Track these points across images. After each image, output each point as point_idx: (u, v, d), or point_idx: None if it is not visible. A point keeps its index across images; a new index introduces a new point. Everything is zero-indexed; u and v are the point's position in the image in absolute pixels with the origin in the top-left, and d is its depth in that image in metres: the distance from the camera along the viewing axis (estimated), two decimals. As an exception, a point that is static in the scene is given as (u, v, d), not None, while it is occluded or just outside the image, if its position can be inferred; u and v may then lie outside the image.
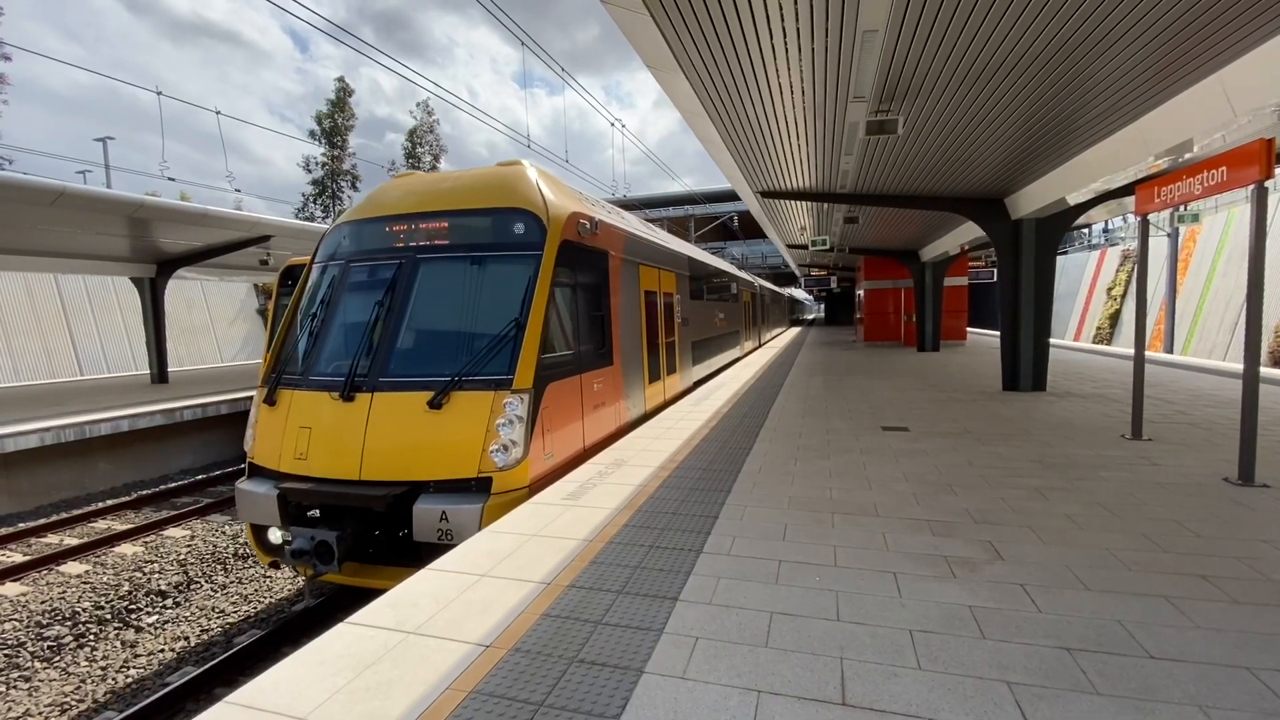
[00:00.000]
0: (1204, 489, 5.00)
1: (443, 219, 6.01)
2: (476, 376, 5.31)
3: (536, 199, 6.04)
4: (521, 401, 5.25)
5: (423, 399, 5.21)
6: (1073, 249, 42.78)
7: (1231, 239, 26.31)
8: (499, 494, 5.01)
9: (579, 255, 6.51)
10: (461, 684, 2.59)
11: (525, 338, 5.43)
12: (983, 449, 6.53)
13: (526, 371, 5.35)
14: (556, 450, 5.85)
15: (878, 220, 15.06)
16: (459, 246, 5.92)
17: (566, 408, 6.11)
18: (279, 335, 6.40)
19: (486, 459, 5.05)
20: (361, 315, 5.88)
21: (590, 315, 6.88)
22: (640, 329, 8.72)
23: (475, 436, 5.10)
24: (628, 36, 5.10)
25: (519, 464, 5.16)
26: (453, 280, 5.90)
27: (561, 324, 6.16)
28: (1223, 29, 4.77)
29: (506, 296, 5.70)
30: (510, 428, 5.14)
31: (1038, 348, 10.61)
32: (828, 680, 2.55)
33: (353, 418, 5.30)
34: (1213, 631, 2.86)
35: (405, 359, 5.60)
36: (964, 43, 5.10)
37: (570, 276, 6.33)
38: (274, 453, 5.59)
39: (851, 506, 4.76)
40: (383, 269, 6.00)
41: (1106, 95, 6.22)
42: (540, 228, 5.87)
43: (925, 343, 20.21)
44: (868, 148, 8.44)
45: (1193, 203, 6.05)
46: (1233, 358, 23.38)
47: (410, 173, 7.03)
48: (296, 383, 5.85)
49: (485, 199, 6.08)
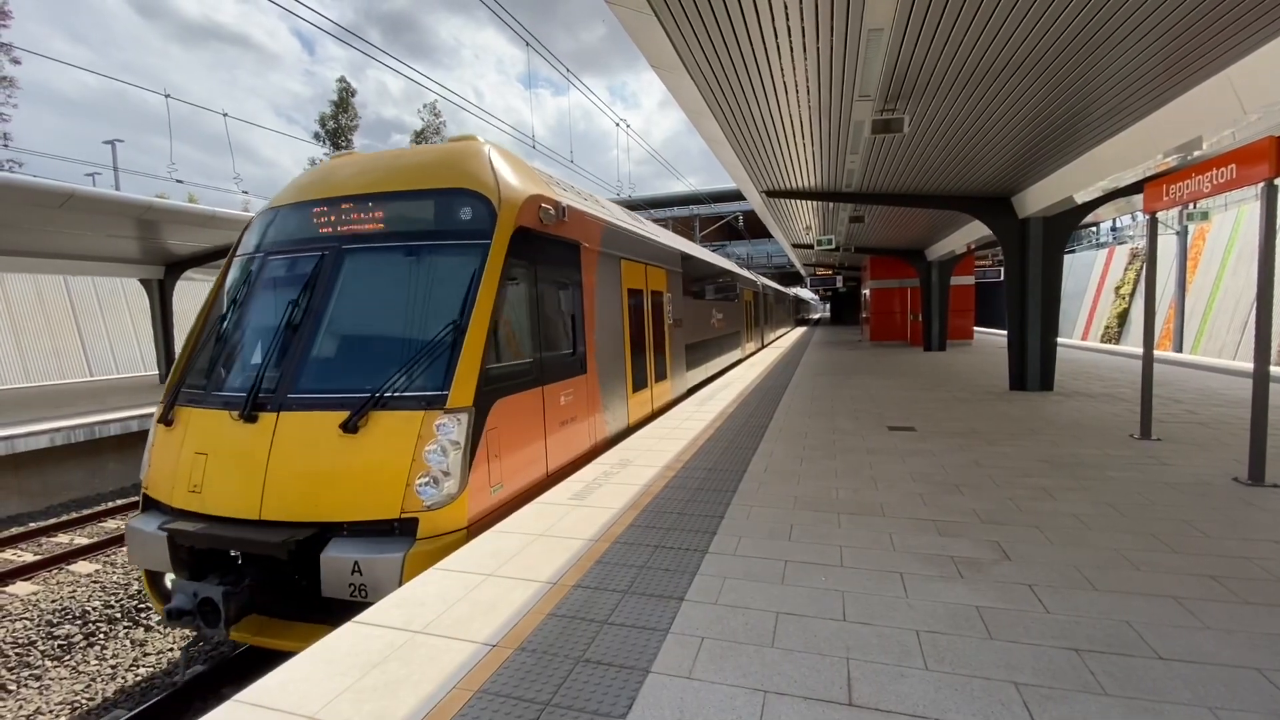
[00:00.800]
0: (1213, 489, 4.97)
1: (374, 203, 5.11)
2: (402, 393, 4.41)
3: (486, 179, 5.15)
4: (458, 423, 4.32)
5: (337, 420, 4.30)
6: (1080, 247, 42.53)
7: (1241, 237, 26.10)
8: (427, 539, 4.11)
9: (541, 246, 5.62)
10: (468, 683, 2.60)
11: (465, 344, 4.52)
12: (990, 449, 6.50)
13: (465, 386, 4.44)
14: (508, 479, 4.92)
15: (883, 219, 15.01)
16: (392, 235, 5.03)
17: (522, 427, 5.19)
18: (185, 343, 5.46)
19: (412, 495, 4.15)
20: (274, 318, 4.98)
21: (556, 316, 6.02)
22: (623, 331, 7.83)
23: (398, 467, 4.19)
24: (632, 37, 5.10)
25: (453, 500, 4.26)
26: (382, 275, 5.02)
27: (515, 327, 5.27)
28: (1232, 25, 4.74)
29: (445, 295, 4.82)
30: (442, 455, 4.23)
31: (1045, 347, 10.56)
32: (834, 680, 2.55)
33: (254, 443, 4.40)
34: (1223, 632, 2.84)
35: (320, 372, 4.69)
36: (970, 40, 5.08)
37: (529, 270, 5.41)
38: (168, 483, 4.69)
39: (858, 507, 4.75)
40: (302, 263, 5.11)
41: (1114, 92, 6.18)
42: (489, 212, 4.99)
43: (931, 342, 20.13)
44: (873, 147, 8.41)
45: (1202, 201, 6.00)
46: (1243, 356, 23.19)
47: (350, 152, 6.17)
48: (197, 399, 4.90)
49: (425, 179, 5.19)
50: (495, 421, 4.73)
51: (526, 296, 5.41)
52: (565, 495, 5.18)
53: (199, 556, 4.46)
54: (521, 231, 5.20)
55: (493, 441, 4.71)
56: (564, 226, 6.09)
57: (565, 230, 6.14)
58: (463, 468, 4.32)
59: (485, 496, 4.60)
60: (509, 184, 5.29)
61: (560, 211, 5.93)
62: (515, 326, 5.28)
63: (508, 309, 5.10)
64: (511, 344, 5.20)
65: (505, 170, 5.43)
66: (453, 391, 4.40)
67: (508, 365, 5.05)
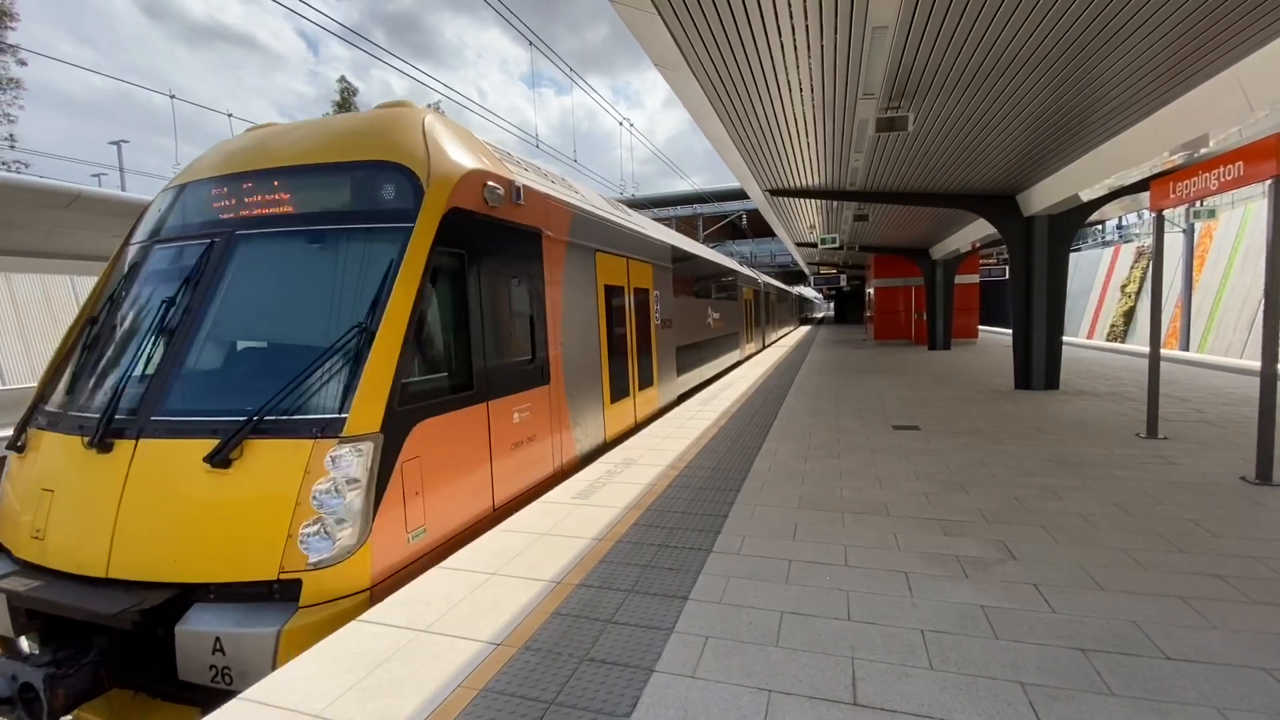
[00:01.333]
0: (1221, 488, 4.94)
1: (280, 180, 4.26)
2: (288, 416, 3.52)
3: (414, 150, 4.30)
4: (359, 454, 3.46)
5: (205, 450, 3.42)
6: (1086, 245, 42.33)
7: (1248, 234, 25.94)
8: (311, 607, 3.25)
9: (486, 232, 4.77)
10: (472, 682, 2.60)
11: (373, 353, 3.64)
12: (995, 448, 6.48)
13: (370, 406, 3.55)
14: (435, 520, 4.03)
15: (888, 218, 14.97)
16: (296, 218, 4.17)
17: (457, 453, 4.31)
18: (56, 352, 4.54)
19: (294, 550, 3.28)
20: (148, 321, 4.12)
21: (508, 317, 5.10)
22: (598, 334, 6.98)
23: (277, 513, 3.33)
24: (636, 35, 5.10)
25: (351, 554, 3.37)
26: (279, 268, 4.16)
27: (448, 331, 4.41)
28: (1239, 22, 4.71)
29: (354, 292, 3.94)
30: (337, 497, 3.35)
31: (1050, 346, 10.52)
32: (839, 680, 2.54)
33: (106, 477, 3.52)
34: (1230, 632, 2.82)
35: (194, 389, 3.80)
36: (975, 38, 5.06)
37: (468, 261, 4.52)
38: (13, 526, 3.80)
39: (862, 506, 4.74)
40: (188, 253, 4.27)
41: (1120, 90, 6.14)
42: (415, 189, 4.15)
43: (936, 341, 20.08)
44: (878, 145, 8.39)
45: (1209, 198, 5.96)
46: (1250, 355, 23.05)
47: (271, 124, 5.18)
48: (54, 419, 3.99)
49: (341, 150, 4.33)
50: (417, 449, 3.84)
51: (464, 293, 4.50)
52: (569, 494, 5.18)
53: (53, 620, 3.41)
54: (457, 214, 4.35)
55: (412, 475, 3.81)
56: (519, 211, 5.25)
57: (521, 215, 5.30)
58: (365, 512, 3.45)
59: (399, 546, 3.69)
60: (443, 157, 4.42)
61: (514, 193, 5.11)
62: (448, 330, 4.41)
63: (437, 309, 4.27)
64: (441, 352, 4.34)
65: (441, 141, 4.53)
66: (353, 414, 3.50)
67: (436, 378, 4.19)
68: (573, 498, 5.09)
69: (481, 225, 4.71)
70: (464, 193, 4.46)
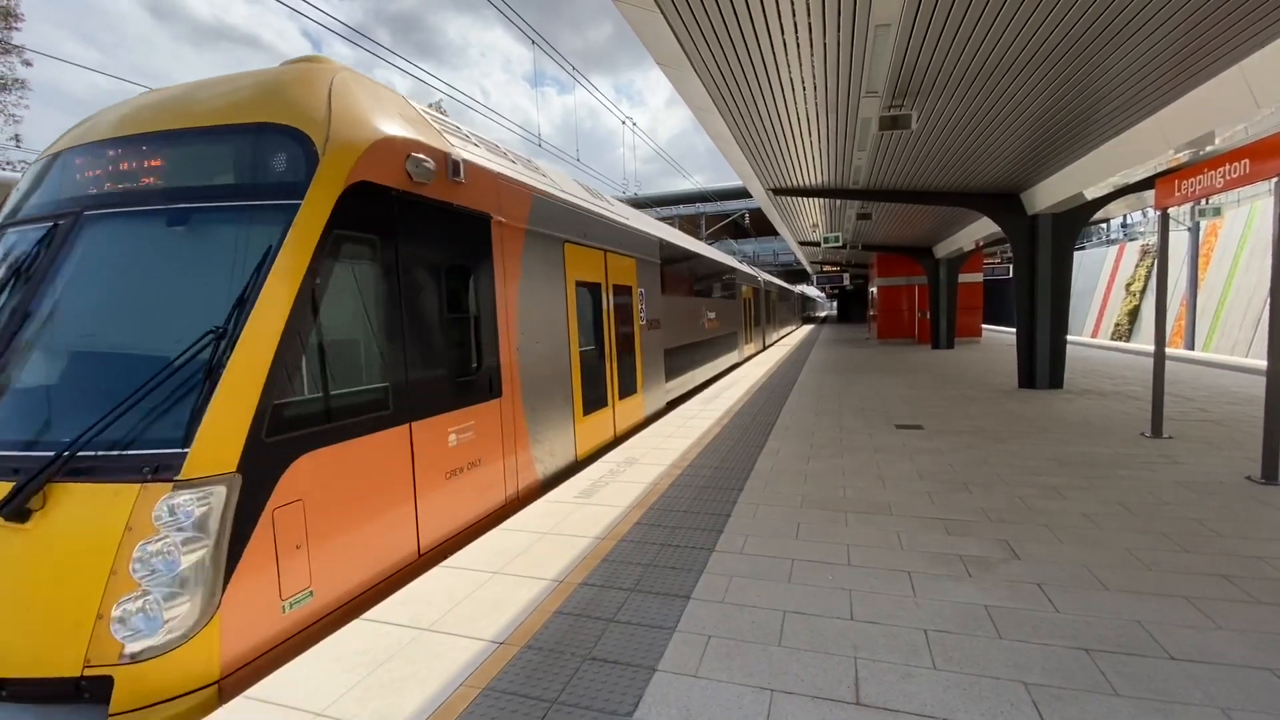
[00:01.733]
0: (1226, 488, 4.91)
1: (150, 147, 3.46)
2: (111, 450, 2.74)
3: (313, 111, 3.45)
4: (203, 502, 2.66)
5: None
6: (1090, 244, 42.18)
7: (1255, 233, 25.81)
8: (128, 715, 2.50)
9: (409, 214, 3.92)
10: (475, 680, 2.61)
11: (232, 366, 2.86)
12: (999, 447, 6.46)
13: (223, 436, 2.77)
14: (328, 579, 3.22)
15: (891, 216, 14.93)
16: (156, 195, 3.36)
17: (363, 492, 3.47)
18: None
19: (104, 635, 2.52)
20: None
21: (442, 318, 4.23)
22: (567, 337, 6.20)
23: (83, 585, 2.57)
24: (639, 34, 5.09)
25: (190, 638, 2.60)
26: (128, 257, 3.34)
27: (353, 336, 3.58)
28: (1245, 19, 4.68)
29: (219, 287, 3.11)
30: (169, 561, 2.58)
31: (1054, 345, 10.48)
32: (841, 679, 2.54)
33: None
34: (1235, 632, 2.81)
35: (3, 412, 3.04)
36: (979, 36, 5.04)
37: (381, 249, 3.70)
38: None
39: (865, 505, 4.73)
40: (31, 238, 3.48)
41: (1125, 87, 6.12)
42: (308, 158, 3.32)
43: (939, 340, 20.04)
44: (881, 143, 8.37)
45: (1214, 196, 5.94)
46: (1256, 354, 22.94)
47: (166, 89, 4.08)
48: None
49: (226, 111, 3.50)
50: (299, 489, 3.05)
51: (377, 288, 3.68)
52: (571, 493, 5.19)
53: None
54: (366, 189, 3.54)
55: (290, 524, 2.99)
56: (459, 190, 4.44)
57: (462, 196, 4.47)
58: (210, 579, 2.64)
59: (267, 619, 2.88)
60: (350, 120, 3.55)
61: (451, 168, 4.30)
62: (352, 335, 3.56)
63: (337, 308, 3.42)
64: (341, 363, 3.45)
65: (350, 102, 3.67)
66: (197, 449, 2.70)
67: (332, 397, 3.32)
68: (575, 497, 5.09)
69: (403, 205, 3.87)
70: (375, 164, 3.62)
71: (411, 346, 3.91)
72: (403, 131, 3.94)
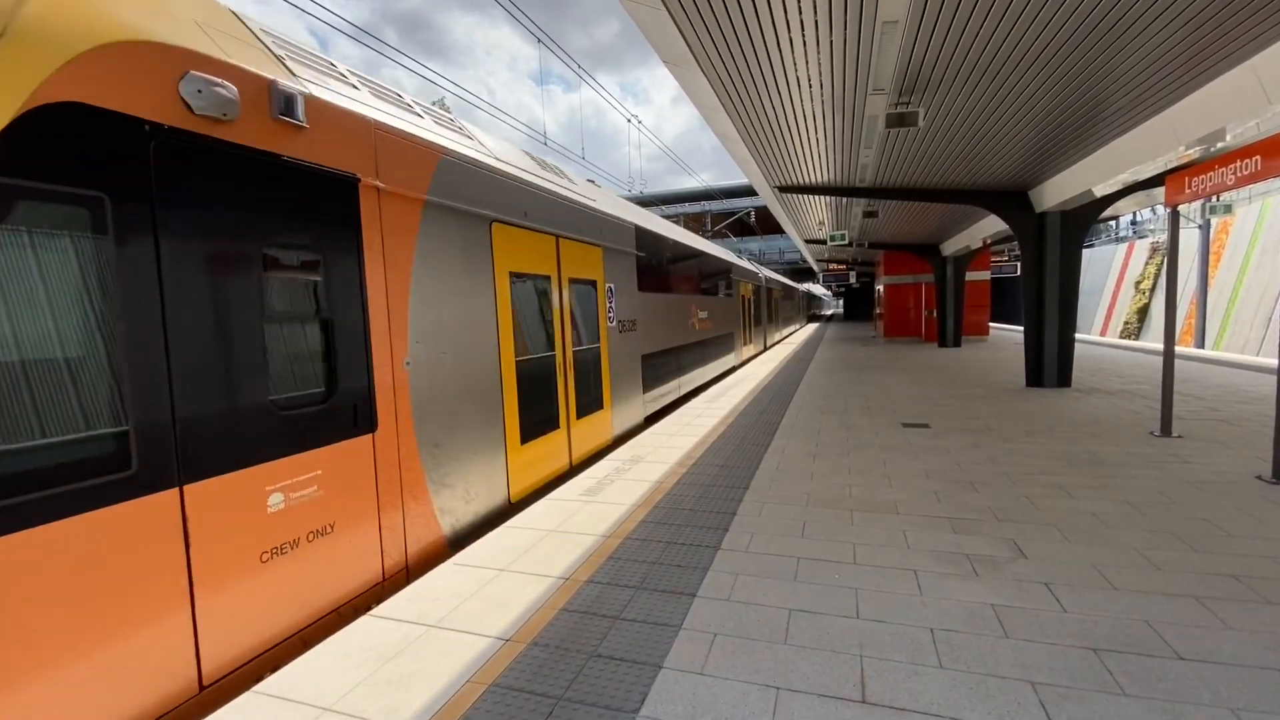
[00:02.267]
0: (1236, 487, 4.88)
1: None
2: None
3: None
4: None
5: None
6: (1099, 242, 41.88)
7: (1266, 230, 25.56)
8: None
9: (181, 162, 2.70)
10: (481, 677, 2.62)
11: None
12: (1006, 446, 6.43)
13: None
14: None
15: (898, 214, 14.88)
16: None
17: (75, 606, 2.28)
18: None
19: None
20: None
21: (249, 324, 2.96)
22: (496, 345, 5.01)
23: None
24: (645, 33, 5.09)
25: None
26: None
27: (52, 353, 2.31)
28: (1256, 14, 4.63)
29: None
30: None
31: (1063, 343, 10.42)
32: (847, 678, 2.54)
33: None
34: (1245, 633, 2.79)
35: None
36: (986, 32, 5.01)
37: (120, 215, 2.48)
38: None
39: (871, 504, 4.72)
40: None
41: (1134, 84, 6.07)
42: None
43: (947, 338, 19.95)
44: (887, 141, 8.34)
45: (1225, 194, 5.88)
46: (1266, 353, 22.74)
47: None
48: None
49: None
50: None
51: (105, 275, 2.44)
52: (577, 492, 5.20)
53: None
54: (79, 115, 2.34)
55: None
56: (297, 137, 3.23)
57: (302, 146, 3.26)
58: None
59: None
60: (59, 7, 2.34)
61: (279, 102, 3.09)
62: (42, 352, 2.29)
63: (18, 309, 2.22)
64: (26, 399, 2.23)
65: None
66: None
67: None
68: (580, 495, 5.10)
69: (170, 149, 2.65)
70: (106, 77, 2.42)
71: (182, 366, 2.66)
72: (178, 37, 2.70)
